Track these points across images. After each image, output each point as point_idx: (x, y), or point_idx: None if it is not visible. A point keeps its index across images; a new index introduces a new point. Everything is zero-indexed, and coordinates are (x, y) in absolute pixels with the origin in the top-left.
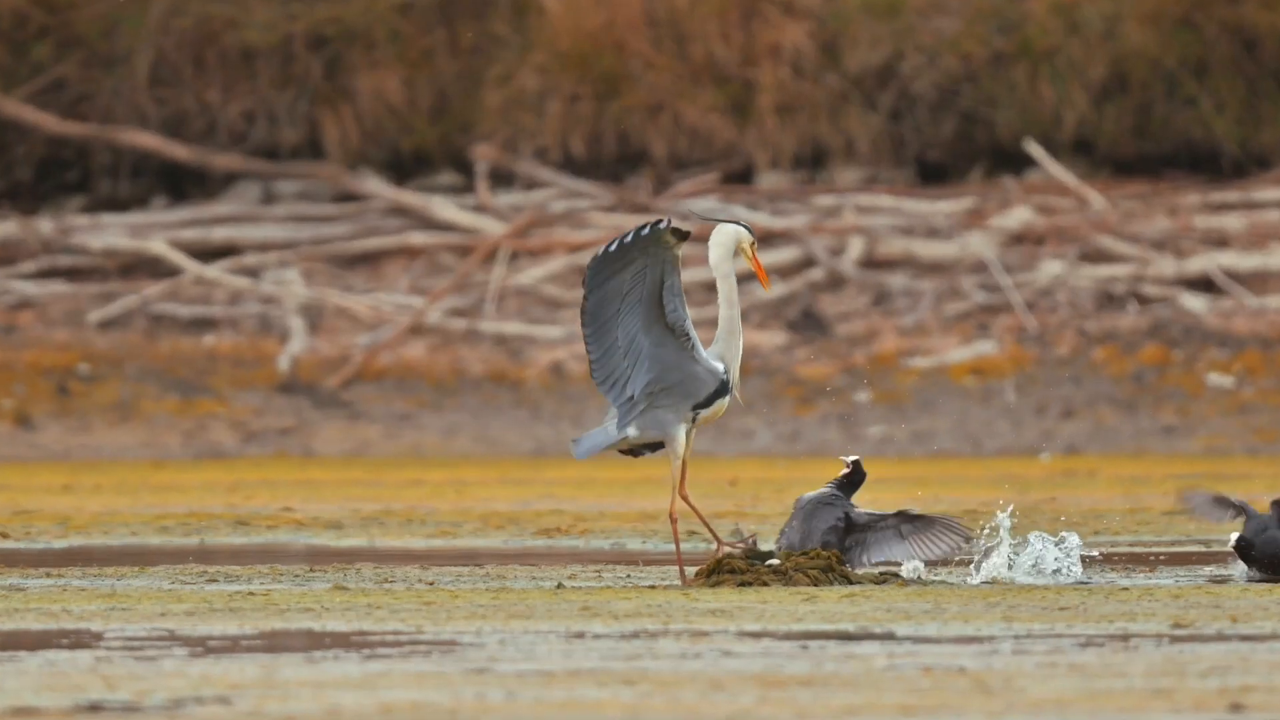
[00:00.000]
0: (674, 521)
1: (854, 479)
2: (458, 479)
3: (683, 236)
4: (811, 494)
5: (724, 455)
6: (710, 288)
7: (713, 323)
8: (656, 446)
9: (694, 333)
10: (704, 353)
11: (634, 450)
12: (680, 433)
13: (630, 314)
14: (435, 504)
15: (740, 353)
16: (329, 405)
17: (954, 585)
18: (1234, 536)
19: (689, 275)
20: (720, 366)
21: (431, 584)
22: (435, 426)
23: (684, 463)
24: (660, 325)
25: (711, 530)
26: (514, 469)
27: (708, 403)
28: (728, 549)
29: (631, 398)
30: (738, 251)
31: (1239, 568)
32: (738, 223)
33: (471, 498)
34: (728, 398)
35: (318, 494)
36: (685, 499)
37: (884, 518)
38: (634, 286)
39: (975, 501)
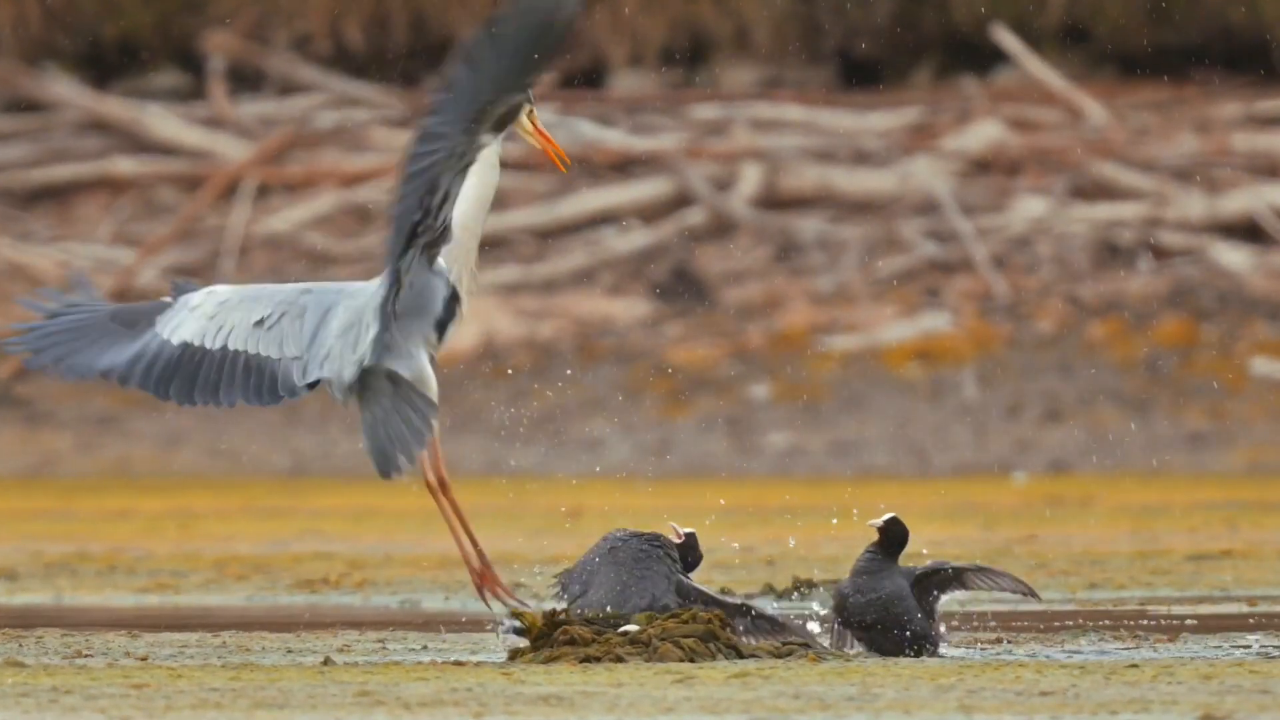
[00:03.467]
0: (433, 491)
1: (686, 559)
2: (182, 509)
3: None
4: (622, 533)
5: (561, 474)
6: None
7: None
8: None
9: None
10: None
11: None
12: (428, 364)
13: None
14: (150, 544)
15: (473, 254)
16: None
17: (887, 662)
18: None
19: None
20: (443, 265)
21: (144, 659)
22: (150, 434)
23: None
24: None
25: (466, 551)
26: (263, 494)
27: (448, 314)
28: (507, 605)
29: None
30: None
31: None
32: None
33: (202, 535)
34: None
35: None
36: (442, 483)
37: (724, 605)
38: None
39: (922, 540)
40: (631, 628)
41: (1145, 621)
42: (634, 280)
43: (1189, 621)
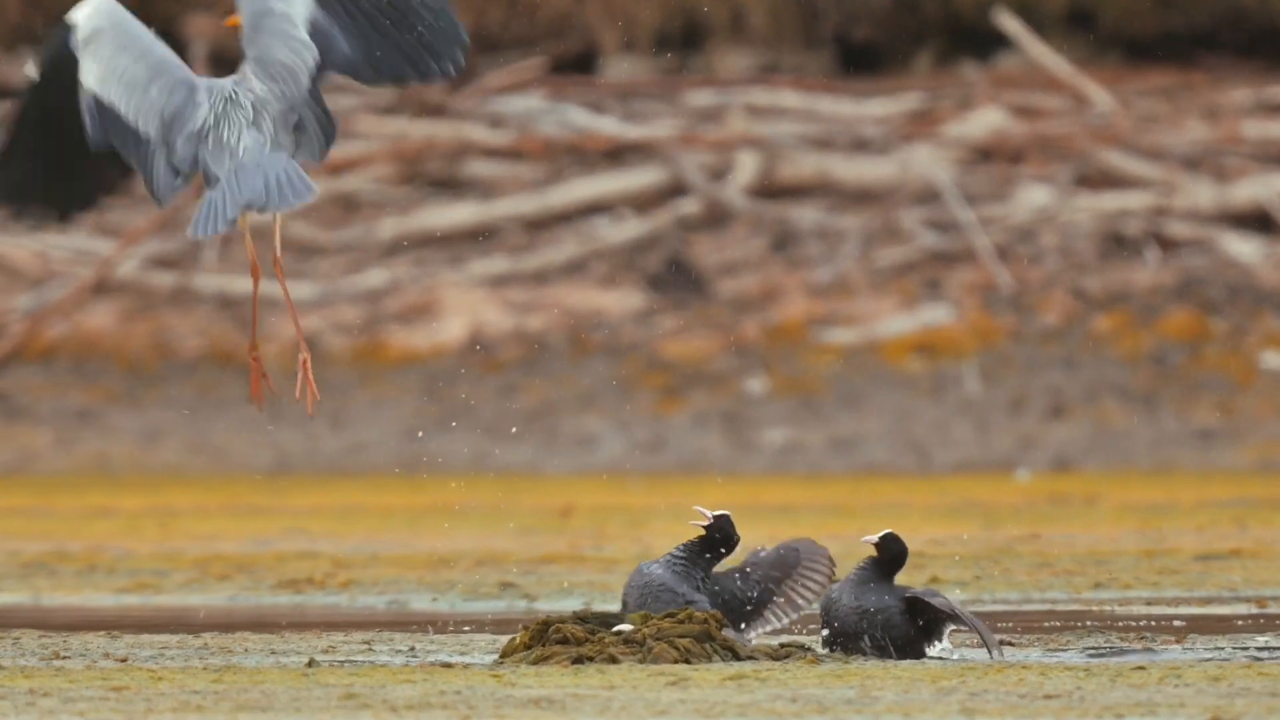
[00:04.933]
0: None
1: (717, 544)
2: (163, 506)
3: None
4: (653, 566)
5: (553, 472)
6: None
7: None
8: None
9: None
10: None
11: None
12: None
13: None
14: (130, 543)
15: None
16: None
17: (887, 664)
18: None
19: None
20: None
21: (124, 661)
22: (131, 429)
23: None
24: None
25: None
26: (246, 491)
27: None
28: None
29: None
30: None
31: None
32: None
33: (183, 534)
34: None
35: None
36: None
37: (743, 575)
38: None
39: (922, 540)
40: (625, 627)
41: (1152, 622)
42: (626, 271)
43: (1189, 623)
